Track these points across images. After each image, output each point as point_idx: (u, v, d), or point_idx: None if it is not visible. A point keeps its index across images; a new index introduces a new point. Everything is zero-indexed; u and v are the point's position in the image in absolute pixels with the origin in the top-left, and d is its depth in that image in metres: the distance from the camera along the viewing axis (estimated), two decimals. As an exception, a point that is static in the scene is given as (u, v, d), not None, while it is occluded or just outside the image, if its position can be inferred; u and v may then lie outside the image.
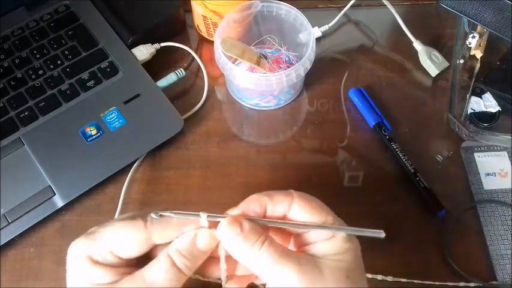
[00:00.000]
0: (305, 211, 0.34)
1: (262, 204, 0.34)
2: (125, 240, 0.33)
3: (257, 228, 0.32)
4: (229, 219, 0.32)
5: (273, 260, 0.31)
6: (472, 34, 0.56)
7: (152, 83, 0.56)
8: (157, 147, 0.54)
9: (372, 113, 0.55)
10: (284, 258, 0.31)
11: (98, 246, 0.33)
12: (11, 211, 0.49)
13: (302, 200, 0.34)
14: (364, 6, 0.65)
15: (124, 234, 0.33)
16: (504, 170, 0.52)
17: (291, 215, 0.34)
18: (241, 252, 0.32)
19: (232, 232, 0.32)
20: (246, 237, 0.32)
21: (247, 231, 0.32)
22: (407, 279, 0.47)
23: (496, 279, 0.47)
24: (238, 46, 0.54)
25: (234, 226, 0.32)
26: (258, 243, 0.32)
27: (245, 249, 0.32)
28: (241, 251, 0.32)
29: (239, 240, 0.32)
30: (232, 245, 0.32)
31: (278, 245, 0.32)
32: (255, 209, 0.34)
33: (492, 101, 0.56)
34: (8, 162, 0.51)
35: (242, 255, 0.32)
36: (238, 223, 0.32)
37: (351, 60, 0.61)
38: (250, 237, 0.32)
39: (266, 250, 0.31)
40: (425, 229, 0.50)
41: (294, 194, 0.34)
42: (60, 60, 0.57)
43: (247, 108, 0.58)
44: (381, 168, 0.54)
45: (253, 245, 0.32)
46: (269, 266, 0.31)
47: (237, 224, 0.32)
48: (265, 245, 0.32)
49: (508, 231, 0.49)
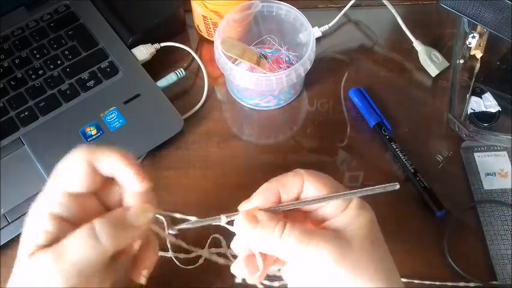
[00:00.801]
0: (317, 187, 0.33)
1: (275, 192, 0.34)
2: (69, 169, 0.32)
3: (273, 216, 0.32)
4: (243, 214, 0.32)
5: (298, 241, 0.31)
6: (472, 34, 0.56)
7: (152, 83, 0.56)
8: (157, 147, 0.54)
9: (372, 113, 0.55)
10: (309, 236, 0.31)
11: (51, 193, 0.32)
12: (11, 211, 0.49)
13: (312, 177, 0.34)
14: (364, 6, 0.65)
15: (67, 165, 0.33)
16: (504, 170, 0.52)
17: (303, 195, 0.34)
18: (265, 243, 0.32)
19: (249, 226, 0.32)
20: (263, 227, 0.32)
21: (264, 222, 0.32)
22: (407, 279, 0.47)
23: (496, 279, 0.46)
24: (238, 46, 0.54)
25: (249, 220, 0.32)
26: (278, 230, 0.31)
27: (267, 238, 0.32)
28: (263, 242, 0.32)
29: (258, 232, 0.32)
30: (253, 238, 0.32)
31: (300, 226, 0.32)
32: (268, 198, 0.33)
33: (492, 101, 0.56)
34: (8, 162, 0.51)
35: (266, 245, 0.32)
36: (253, 216, 0.32)
37: (351, 60, 0.61)
38: (268, 226, 0.32)
39: (289, 234, 0.31)
40: (425, 229, 0.50)
41: (303, 174, 0.34)
42: (60, 60, 0.57)
43: (247, 108, 0.58)
44: (381, 168, 0.54)
45: (274, 232, 0.31)
46: (295, 248, 0.31)
47: (252, 218, 0.32)
48: (286, 229, 0.31)
49: (508, 231, 0.49)
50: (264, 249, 0.32)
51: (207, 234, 0.41)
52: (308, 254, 0.31)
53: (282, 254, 0.32)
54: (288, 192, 0.34)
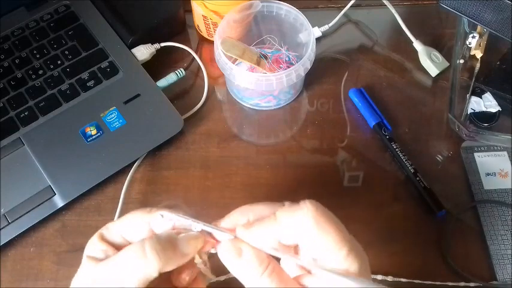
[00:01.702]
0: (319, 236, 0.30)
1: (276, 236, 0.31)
2: (131, 222, 0.33)
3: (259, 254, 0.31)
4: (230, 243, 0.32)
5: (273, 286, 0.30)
6: (472, 34, 0.56)
7: (152, 83, 0.56)
8: (157, 147, 0.54)
9: (372, 113, 0.55)
10: None
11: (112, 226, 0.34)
12: (11, 211, 0.49)
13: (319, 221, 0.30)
14: (364, 6, 0.65)
15: (132, 217, 0.33)
16: (504, 170, 0.52)
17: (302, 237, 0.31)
18: (241, 276, 0.31)
19: (232, 255, 0.31)
20: (246, 264, 0.31)
21: (248, 259, 0.31)
22: (407, 279, 0.47)
23: (496, 279, 0.46)
24: (238, 46, 0.54)
25: (234, 249, 0.31)
26: (260, 270, 0.31)
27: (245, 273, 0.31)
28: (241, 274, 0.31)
29: (239, 265, 0.31)
30: (231, 267, 0.32)
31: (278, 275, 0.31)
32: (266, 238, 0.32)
33: (492, 101, 0.56)
34: (8, 162, 0.51)
35: (242, 278, 0.31)
36: (239, 249, 0.31)
37: (351, 60, 0.61)
38: (250, 265, 0.31)
39: (267, 277, 0.31)
40: (425, 229, 0.50)
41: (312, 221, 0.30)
42: (60, 60, 0.57)
43: (247, 108, 0.58)
44: (381, 168, 0.54)
45: (253, 271, 0.31)
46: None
47: (238, 250, 0.31)
48: (266, 273, 0.31)
49: (508, 231, 0.49)
50: (240, 281, 0.32)
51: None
52: None
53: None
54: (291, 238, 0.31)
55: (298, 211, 0.31)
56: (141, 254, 0.30)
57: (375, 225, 0.49)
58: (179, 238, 0.32)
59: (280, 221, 0.31)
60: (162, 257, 0.31)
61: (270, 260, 0.31)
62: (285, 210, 0.32)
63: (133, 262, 0.31)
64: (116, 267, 0.31)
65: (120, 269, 0.31)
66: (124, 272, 0.31)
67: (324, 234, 0.30)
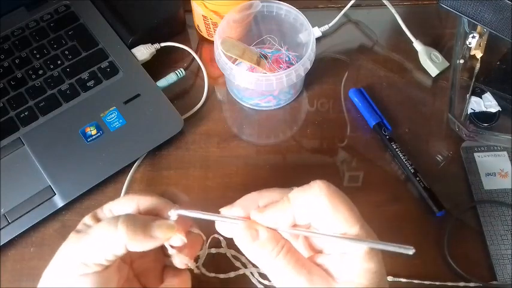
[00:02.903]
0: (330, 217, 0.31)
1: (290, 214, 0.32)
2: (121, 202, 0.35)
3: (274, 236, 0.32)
4: (246, 225, 0.32)
5: (287, 271, 0.31)
6: (472, 34, 0.56)
7: (152, 83, 0.56)
8: (157, 147, 0.54)
9: (372, 113, 0.55)
10: (297, 271, 0.30)
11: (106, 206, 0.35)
12: (11, 211, 0.49)
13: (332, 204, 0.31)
14: (364, 6, 0.65)
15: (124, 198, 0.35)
16: (504, 170, 0.52)
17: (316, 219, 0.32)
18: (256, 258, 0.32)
19: (248, 238, 0.32)
20: (262, 245, 0.31)
21: (264, 240, 0.31)
22: (407, 279, 0.47)
23: (496, 279, 0.46)
24: (238, 46, 0.54)
25: (250, 233, 0.32)
26: (275, 251, 0.31)
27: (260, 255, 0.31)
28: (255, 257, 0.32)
29: (255, 247, 0.31)
30: (247, 251, 0.32)
31: (294, 255, 0.31)
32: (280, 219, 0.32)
33: (492, 101, 0.56)
34: (8, 162, 0.51)
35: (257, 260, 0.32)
36: (255, 230, 0.32)
37: (351, 60, 0.61)
38: (266, 245, 0.31)
39: (283, 258, 0.31)
40: (425, 229, 0.50)
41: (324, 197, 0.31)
42: (60, 60, 0.57)
43: (247, 108, 0.58)
44: (381, 168, 0.54)
45: (270, 252, 0.31)
46: (282, 275, 0.31)
47: (254, 232, 0.32)
48: (282, 252, 0.31)
49: (508, 231, 0.49)
50: (257, 263, 0.32)
51: (207, 235, 0.40)
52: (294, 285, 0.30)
53: (271, 274, 0.32)
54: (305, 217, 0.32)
55: (311, 190, 0.32)
56: (113, 226, 0.32)
57: (375, 225, 0.49)
58: (153, 222, 0.33)
59: (294, 202, 0.32)
60: (131, 234, 0.31)
61: (284, 242, 0.32)
62: (297, 190, 0.32)
63: (104, 233, 0.32)
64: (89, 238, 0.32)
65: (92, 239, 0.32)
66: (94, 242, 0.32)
67: (337, 211, 0.31)
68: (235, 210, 0.34)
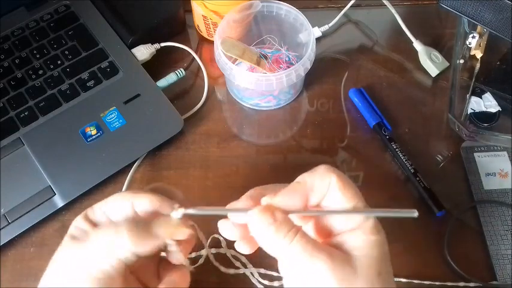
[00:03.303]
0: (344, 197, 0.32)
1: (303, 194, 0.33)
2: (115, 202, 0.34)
3: (289, 220, 0.32)
4: (262, 207, 0.31)
5: (305, 253, 0.30)
6: (472, 34, 0.56)
7: (152, 83, 0.56)
8: (157, 147, 0.54)
9: (372, 113, 0.55)
10: (317, 251, 0.30)
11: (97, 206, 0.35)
12: (11, 211, 0.49)
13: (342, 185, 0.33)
14: (364, 6, 0.65)
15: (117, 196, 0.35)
16: (504, 170, 0.52)
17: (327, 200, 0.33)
18: (273, 243, 0.31)
19: (264, 221, 0.31)
20: (278, 227, 0.31)
21: (280, 222, 0.31)
22: (407, 279, 0.47)
23: (496, 279, 0.46)
24: (238, 46, 0.54)
25: (266, 215, 0.31)
26: (291, 235, 0.30)
27: (277, 239, 0.31)
28: (272, 241, 0.31)
29: (271, 230, 0.31)
30: (264, 234, 0.31)
31: (310, 238, 0.31)
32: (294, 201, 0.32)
33: (492, 101, 0.56)
34: (8, 162, 0.51)
35: (273, 245, 0.31)
36: (271, 212, 0.31)
37: (351, 60, 0.61)
38: (282, 228, 0.31)
39: (298, 242, 0.30)
40: (425, 229, 0.50)
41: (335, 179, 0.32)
42: (60, 60, 0.57)
43: (247, 108, 0.58)
44: (381, 168, 0.54)
45: (285, 235, 0.30)
46: (301, 259, 0.30)
47: (270, 214, 0.31)
48: (297, 236, 0.31)
49: (508, 231, 0.49)
50: (270, 249, 0.31)
51: (208, 235, 0.41)
52: (311, 269, 0.30)
53: (286, 259, 0.31)
54: (315, 196, 0.33)
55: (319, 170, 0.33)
56: (115, 232, 0.32)
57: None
58: (153, 221, 0.33)
59: (304, 183, 0.33)
60: (134, 236, 0.31)
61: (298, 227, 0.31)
62: (305, 174, 0.33)
63: (106, 237, 0.32)
64: (91, 246, 0.32)
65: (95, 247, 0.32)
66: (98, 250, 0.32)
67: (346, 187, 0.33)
68: (243, 202, 0.34)
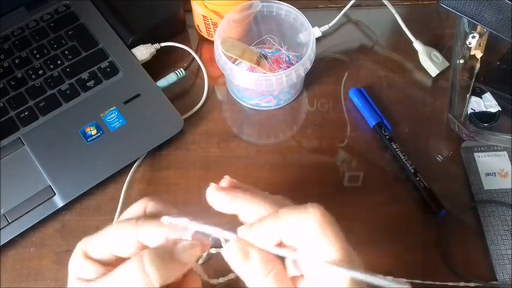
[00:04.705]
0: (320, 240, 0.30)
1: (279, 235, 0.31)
2: (116, 237, 0.32)
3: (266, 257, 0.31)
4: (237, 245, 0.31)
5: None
6: (472, 34, 0.56)
7: (152, 83, 0.56)
8: (157, 147, 0.54)
9: (372, 113, 0.55)
10: None
11: (95, 242, 0.33)
12: (11, 211, 0.49)
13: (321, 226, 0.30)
14: (364, 6, 0.65)
15: (117, 231, 0.32)
16: (504, 170, 0.52)
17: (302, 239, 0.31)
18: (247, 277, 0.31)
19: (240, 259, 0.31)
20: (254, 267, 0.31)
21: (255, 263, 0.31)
22: (407, 279, 0.46)
23: (496, 279, 0.46)
24: (238, 46, 0.54)
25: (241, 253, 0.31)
26: (265, 272, 0.31)
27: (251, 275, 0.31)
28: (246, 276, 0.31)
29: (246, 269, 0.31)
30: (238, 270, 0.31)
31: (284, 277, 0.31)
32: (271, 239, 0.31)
33: (492, 101, 0.56)
34: (8, 162, 0.51)
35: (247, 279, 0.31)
36: (246, 252, 0.31)
37: (351, 60, 0.61)
38: (257, 268, 0.31)
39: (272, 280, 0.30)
40: (425, 229, 0.50)
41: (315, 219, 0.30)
42: (60, 60, 0.57)
43: (247, 108, 0.58)
44: (381, 168, 0.54)
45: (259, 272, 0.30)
46: None
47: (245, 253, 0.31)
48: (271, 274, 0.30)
49: (508, 231, 0.49)
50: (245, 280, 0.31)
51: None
52: None
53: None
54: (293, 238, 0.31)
55: (304, 213, 0.31)
56: (141, 270, 0.30)
57: (375, 225, 0.49)
58: (176, 249, 0.32)
59: (285, 220, 0.31)
60: (162, 272, 0.30)
61: (275, 262, 0.31)
62: (290, 209, 0.31)
63: (133, 279, 0.30)
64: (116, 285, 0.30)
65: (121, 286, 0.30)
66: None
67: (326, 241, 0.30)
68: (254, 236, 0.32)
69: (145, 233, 0.32)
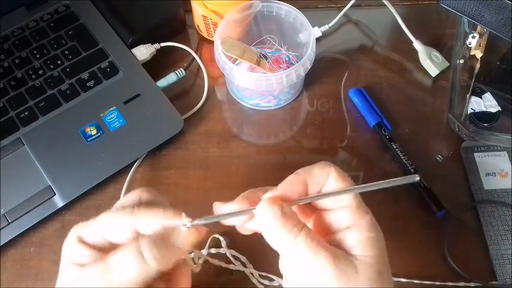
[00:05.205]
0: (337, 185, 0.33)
1: (303, 183, 0.33)
2: (112, 223, 0.33)
3: (296, 214, 0.32)
4: (270, 200, 0.32)
5: (310, 250, 0.30)
6: (472, 34, 0.56)
7: (152, 83, 0.56)
8: (157, 147, 0.54)
9: (372, 113, 0.55)
10: (320, 249, 0.30)
11: (91, 227, 0.33)
12: (11, 211, 0.49)
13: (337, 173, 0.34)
14: (364, 6, 0.65)
15: (113, 218, 0.33)
16: (504, 170, 0.52)
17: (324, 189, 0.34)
18: (279, 236, 0.31)
19: (272, 214, 0.31)
20: (285, 220, 0.31)
21: (287, 215, 0.31)
22: (407, 279, 0.47)
23: (496, 279, 0.47)
24: (238, 46, 0.54)
25: (274, 208, 0.31)
26: (296, 230, 0.31)
27: (283, 233, 0.31)
28: (278, 234, 0.31)
29: (278, 223, 0.31)
30: (270, 227, 0.31)
31: (315, 236, 0.31)
32: (296, 189, 0.33)
33: (492, 101, 0.56)
34: (8, 162, 0.51)
35: (279, 239, 0.31)
36: (279, 205, 0.31)
37: (351, 60, 0.61)
38: (289, 222, 0.31)
39: (303, 238, 0.31)
40: (425, 229, 0.50)
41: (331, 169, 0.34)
42: (60, 60, 0.57)
43: (247, 108, 0.58)
44: (381, 168, 0.54)
45: (291, 230, 0.31)
46: (304, 255, 0.30)
47: (278, 206, 0.31)
48: (303, 232, 0.31)
49: (508, 231, 0.49)
50: (275, 242, 0.32)
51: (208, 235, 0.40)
52: (314, 267, 0.30)
53: (290, 254, 0.31)
54: (315, 184, 0.33)
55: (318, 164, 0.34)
56: (138, 257, 0.30)
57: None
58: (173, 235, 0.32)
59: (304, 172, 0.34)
60: (160, 258, 0.31)
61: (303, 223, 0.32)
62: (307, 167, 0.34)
63: (130, 265, 0.30)
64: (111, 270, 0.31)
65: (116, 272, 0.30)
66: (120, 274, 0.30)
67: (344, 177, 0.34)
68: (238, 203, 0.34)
69: (141, 220, 0.32)
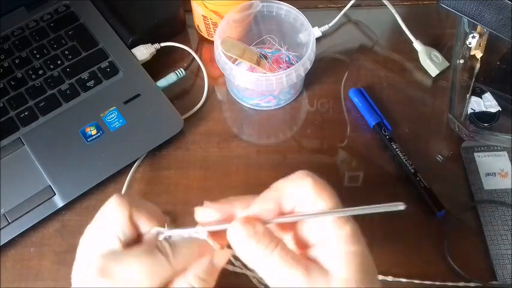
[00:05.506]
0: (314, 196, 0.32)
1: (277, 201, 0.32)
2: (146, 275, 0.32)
3: (270, 231, 0.31)
4: (242, 219, 0.31)
5: (284, 264, 0.30)
6: (472, 34, 0.56)
7: (152, 83, 0.56)
8: (157, 147, 0.54)
9: (372, 113, 0.55)
10: (295, 266, 0.30)
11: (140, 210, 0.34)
12: (11, 211, 0.49)
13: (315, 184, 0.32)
14: (364, 6, 0.65)
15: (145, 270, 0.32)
16: (504, 170, 0.52)
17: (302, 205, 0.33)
18: (253, 255, 0.31)
19: (245, 234, 0.31)
20: (259, 239, 0.31)
21: (261, 234, 0.31)
22: (407, 279, 0.47)
23: (496, 279, 0.47)
24: (238, 46, 0.54)
25: (247, 228, 0.31)
26: (271, 246, 0.31)
27: (257, 251, 0.31)
28: (252, 253, 0.31)
29: (252, 242, 0.31)
30: (244, 246, 0.31)
31: (290, 251, 0.31)
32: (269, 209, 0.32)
33: (492, 101, 0.56)
34: (8, 162, 0.51)
35: (253, 257, 0.31)
36: (251, 225, 0.31)
37: (351, 60, 0.61)
38: (262, 240, 0.31)
39: (278, 253, 0.30)
40: (425, 229, 0.50)
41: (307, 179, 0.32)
42: (60, 60, 0.57)
43: (247, 108, 0.58)
44: (381, 168, 0.54)
45: (266, 247, 0.31)
46: (279, 272, 0.30)
47: (250, 226, 0.31)
48: (278, 248, 0.31)
49: (508, 231, 0.49)
50: (250, 262, 0.31)
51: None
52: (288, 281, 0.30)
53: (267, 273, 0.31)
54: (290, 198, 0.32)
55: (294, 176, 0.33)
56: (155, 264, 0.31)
57: (375, 225, 0.49)
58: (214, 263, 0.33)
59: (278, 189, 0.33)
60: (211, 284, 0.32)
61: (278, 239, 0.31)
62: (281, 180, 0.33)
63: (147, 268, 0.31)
64: None
65: None
66: None
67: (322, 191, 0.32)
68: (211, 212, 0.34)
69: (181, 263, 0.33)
